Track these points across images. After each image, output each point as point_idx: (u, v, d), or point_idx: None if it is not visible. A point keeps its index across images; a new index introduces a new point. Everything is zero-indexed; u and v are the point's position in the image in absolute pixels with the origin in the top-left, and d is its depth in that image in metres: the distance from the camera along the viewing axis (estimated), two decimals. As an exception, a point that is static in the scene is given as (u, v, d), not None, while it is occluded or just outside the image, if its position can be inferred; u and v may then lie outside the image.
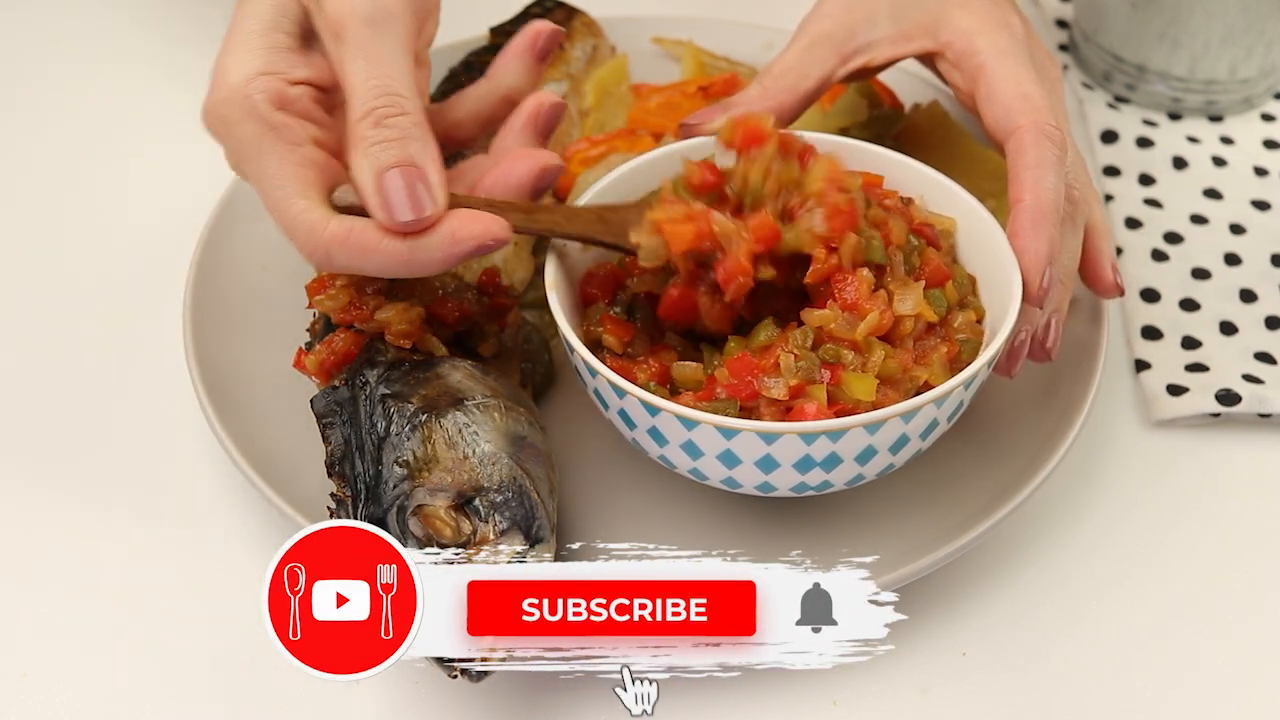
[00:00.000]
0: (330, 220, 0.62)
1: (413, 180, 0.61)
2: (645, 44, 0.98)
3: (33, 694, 0.67)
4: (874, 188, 0.72)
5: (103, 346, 0.83)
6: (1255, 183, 0.93)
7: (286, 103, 0.64)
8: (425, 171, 0.62)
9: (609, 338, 0.68)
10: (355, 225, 0.62)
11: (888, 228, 0.68)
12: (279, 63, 0.64)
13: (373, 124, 0.62)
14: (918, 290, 0.66)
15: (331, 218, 0.62)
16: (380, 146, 0.61)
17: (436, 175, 0.62)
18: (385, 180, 0.61)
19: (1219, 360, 0.81)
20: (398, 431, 0.66)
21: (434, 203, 0.61)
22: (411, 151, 0.62)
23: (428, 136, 0.63)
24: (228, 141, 0.65)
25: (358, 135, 0.62)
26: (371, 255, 0.62)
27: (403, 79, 0.63)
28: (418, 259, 0.62)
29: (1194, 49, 0.95)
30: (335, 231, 0.62)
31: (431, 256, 0.62)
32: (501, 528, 0.63)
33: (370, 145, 0.61)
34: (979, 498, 0.70)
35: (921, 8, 0.75)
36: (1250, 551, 0.74)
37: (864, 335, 0.64)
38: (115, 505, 0.75)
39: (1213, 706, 0.67)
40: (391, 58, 0.63)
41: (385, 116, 0.62)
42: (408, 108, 0.62)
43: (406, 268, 0.62)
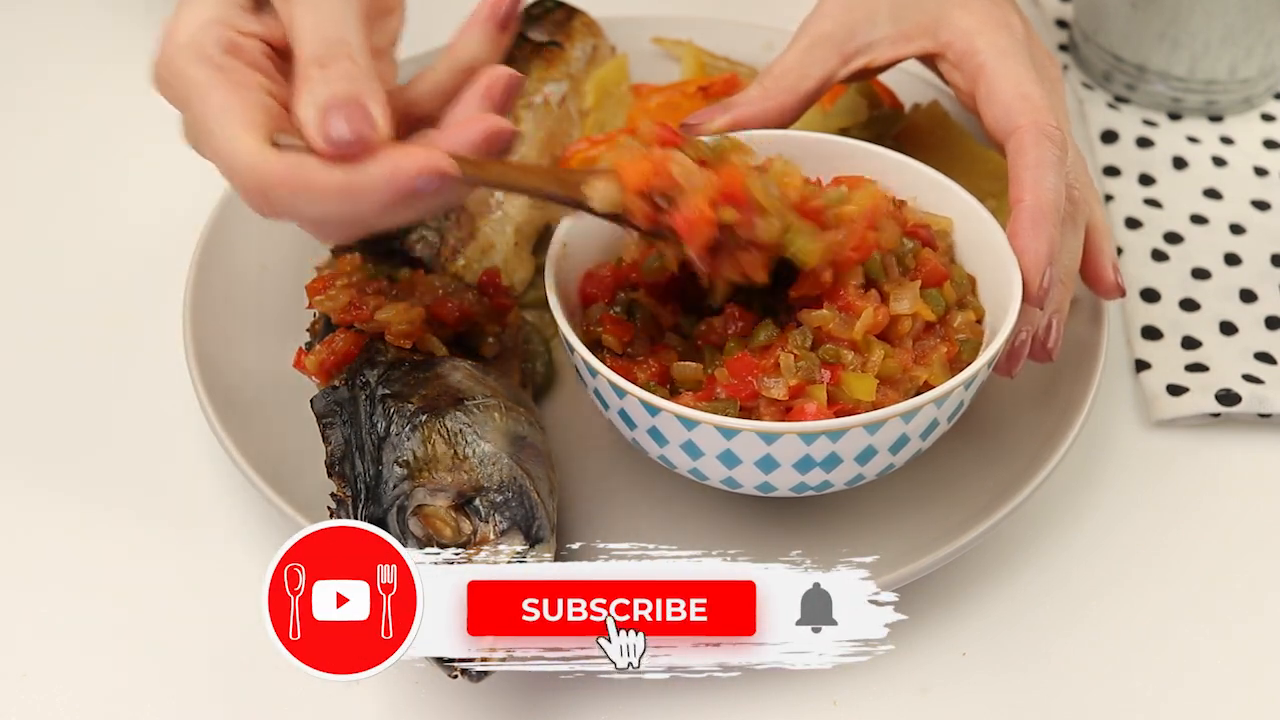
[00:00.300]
0: (272, 155, 0.60)
1: (355, 111, 0.59)
2: (645, 44, 0.98)
3: (33, 694, 0.67)
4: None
5: (103, 346, 0.83)
6: (1255, 183, 0.93)
7: (237, 50, 0.63)
8: (368, 105, 0.60)
9: (609, 338, 0.68)
10: (298, 158, 0.60)
11: (878, 234, 0.68)
12: (231, 16, 0.63)
13: (318, 66, 0.61)
14: (914, 289, 0.66)
15: (273, 155, 0.60)
16: (324, 83, 0.60)
17: (380, 109, 0.60)
18: (327, 113, 0.59)
19: (1219, 360, 0.81)
20: (398, 431, 0.66)
21: (374, 129, 0.60)
22: (357, 89, 0.60)
23: (374, 84, 0.61)
24: (177, 92, 0.63)
25: (303, 78, 0.61)
26: (310, 190, 0.59)
27: (350, 30, 0.62)
28: (357, 191, 0.59)
29: (1194, 49, 0.95)
30: (275, 167, 0.59)
31: (373, 189, 0.60)
32: (501, 528, 0.63)
33: (314, 84, 0.60)
34: (979, 498, 0.70)
35: (922, 8, 0.75)
36: (1250, 552, 0.74)
37: (862, 334, 0.64)
38: (115, 505, 0.75)
39: (1213, 706, 0.67)
40: (339, 14, 0.62)
41: (331, 59, 0.61)
42: (354, 56, 0.61)
43: (347, 200, 0.60)
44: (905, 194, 0.73)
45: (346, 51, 0.61)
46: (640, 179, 0.63)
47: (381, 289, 0.71)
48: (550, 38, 0.93)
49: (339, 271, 0.73)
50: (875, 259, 0.66)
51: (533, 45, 0.91)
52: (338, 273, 0.73)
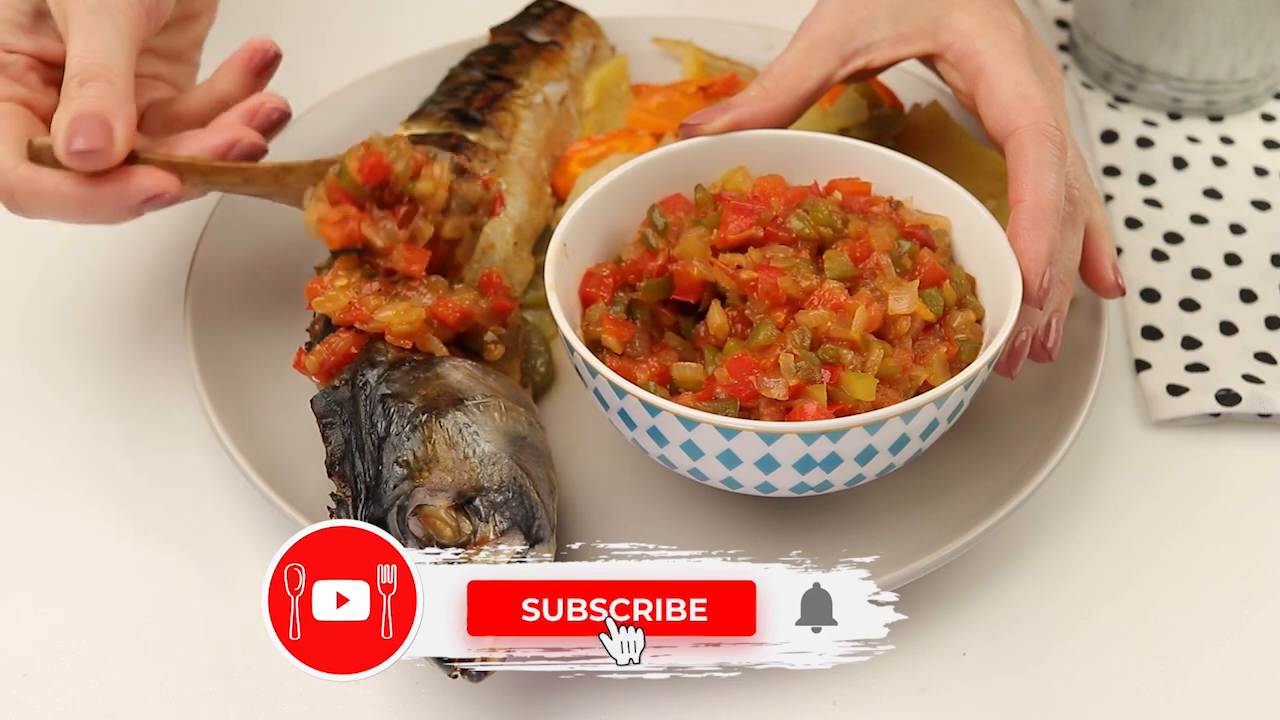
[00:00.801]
0: (19, 165, 0.67)
1: (95, 126, 0.65)
2: (645, 44, 0.98)
3: (33, 694, 0.67)
4: (859, 195, 0.72)
5: (103, 346, 0.83)
6: (1255, 183, 0.93)
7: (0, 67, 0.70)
8: (112, 122, 0.66)
9: (608, 338, 0.68)
10: (40, 171, 0.67)
11: (868, 237, 0.68)
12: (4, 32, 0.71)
13: (77, 84, 0.67)
14: (912, 289, 0.66)
15: (20, 162, 0.67)
16: (78, 101, 0.66)
17: (123, 128, 0.66)
18: (74, 124, 0.65)
19: (1219, 360, 0.81)
20: (398, 431, 0.66)
21: (113, 142, 0.66)
22: (106, 105, 0.66)
23: (126, 101, 0.67)
24: None
25: (63, 94, 0.67)
26: (48, 198, 0.67)
27: (116, 58, 0.68)
28: (93, 204, 0.67)
29: (1194, 49, 0.95)
30: (19, 174, 0.67)
31: (105, 204, 0.67)
32: (501, 528, 0.63)
33: (70, 100, 0.66)
34: (979, 498, 0.70)
35: (921, 9, 0.75)
36: (1250, 551, 0.74)
37: (860, 332, 0.64)
38: (115, 505, 0.75)
39: (1213, 706, 0.67)
40: (108, 39, 0.68)
41: (89, 78, 0.67)
42: (114, 79, 0.67)
43: (83, 211, 0.67)
44: (904, 194, 0.73)
45: (106, 74, 0.67)
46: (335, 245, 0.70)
47: (382, 289, 0.71)
48: (550, 38, 0.93)
49: (337, 273, 0.73)
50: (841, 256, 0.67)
51: (533, 45, 0.92)
52: (336, 274, 0.73)
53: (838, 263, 0.67)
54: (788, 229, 0.68)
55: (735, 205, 0.69)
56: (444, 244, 0.73)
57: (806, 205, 0.69)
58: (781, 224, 0.69)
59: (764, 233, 0.68)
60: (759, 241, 0.69)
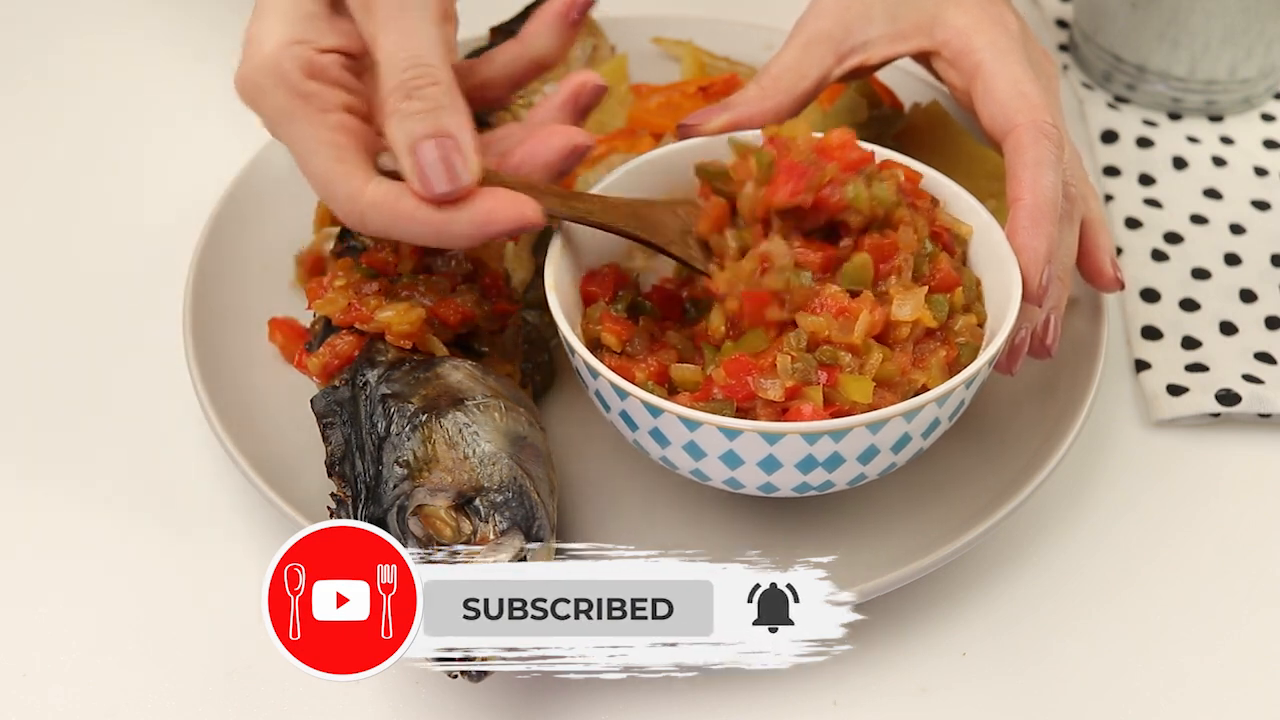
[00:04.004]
0: (369, 185, 0.63)
1: (447, 151, 0.62)
2: (645, 44, 0.98)
3: (33, 694, 0.67)
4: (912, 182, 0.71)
5: (103, 346, 0.83)
6: (1255, 183, 0.93)
7: (317, 71, 0.64)
8: (459, 141, 0.62)
9: (608, 336, 0.68)
10: (393, 191, 0.63)
11: (895, 238, 0.67)
12: (309, 31, 0.65)
13: (404, 96, 0.62)
14: (919, 296, 0.66)
15: (369, 182, 0.63)
16: (414, 118, 0.62)
17: (470, 144, 0.63)
18: (419, 151, 0.62)
19: (1219, 360, 0.81)
20: (398, 431, 0.66)
21: (468, 172, 0.62)
22: (444, 122, 0.62)
23: (459, 104, 0.64)
24: (261, 110, 0.66)
25: (390, 107, 0.63)
26: (406, 223, 0.63)
27: (432, 49, 0.63)
28: (449, 231, 0.63)
29: (1194, 49, 0.95)
30: (373, 197, 0.63)
31: (463, 231, 0.63)
32: (502, 528, 0.63)
33: (403, 117, 0.62)
34: (979, 498, 0.70)
35: (917, 6, 0.75)
36: (1250, 552, 0.74)
37: (861, 337, 0.64)
38: (115, 505, 0.75)
39: (1213, 707, 0.67)
40: (420, 28, 0.64)
41: (416, 88, 0.62)
42: (438, 77, 0.63)
43: (437, 239, 0.63)
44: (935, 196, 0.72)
45: (430, 76, 0.63)
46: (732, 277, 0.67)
47: (382, 289, 0.71)
48: (550, 38, 0.92)
49: (335, 274, 0.73)
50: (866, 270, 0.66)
51: (533, 45, 0.91)
52: (335, 274, 0.73)
53: (854, 272, 0.66)
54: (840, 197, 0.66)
55: (790, 165, 0.67)
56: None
57: (868, 174, 0.67)
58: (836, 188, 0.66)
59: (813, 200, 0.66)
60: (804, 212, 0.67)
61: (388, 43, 0.63)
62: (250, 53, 0.65)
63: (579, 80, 0.68)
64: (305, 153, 0.64)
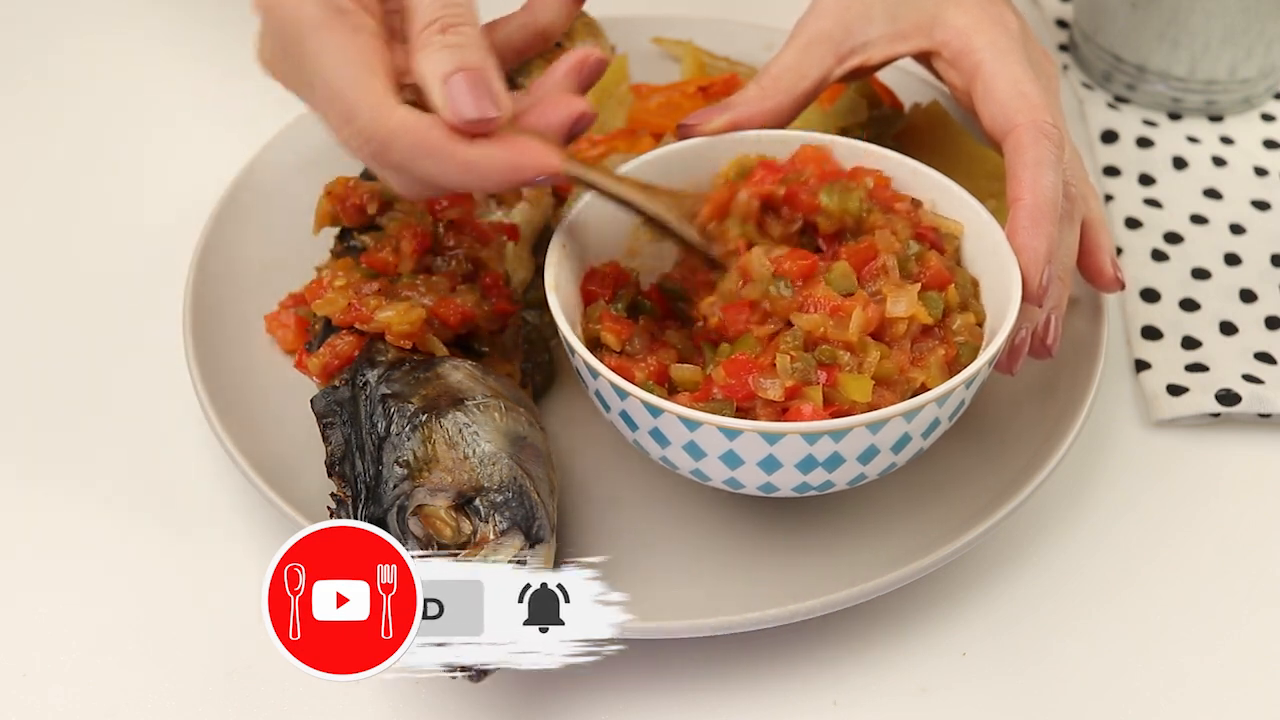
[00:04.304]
0: (398, 108, 0.61)
1: (479, 82, 0.61)
2: (645, 44, 0.98)
3: (33, 694, 0.67)
4: (882, 189, 0.72)
5: (103, 346, 0.83)
6: (1255, 183, 0.93)
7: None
8: (491, 81, 0.62)
9: (608, 335, 0.68)
10: (424, 120, 0.61)
11: (874, 241, 0.68)
12: None
13: (439, 29, 0.62)
14: (912, 293, 0.66)
15: (399, 105, 0.61)
16: (448, 50, 0.61)
17: (500, 83, 0.62)
18: (452, 82, 0.61)
19: (1219, 360, 0.81)
20: (398, 431, 0.66)
21: (497, 105, 0.61)
22: (477, 58, 0.62)
23: (491, 53, 0.63)
24: (282, 21, 0.63)
25: (423, 40, 0.62)
26: (432, 156, 0.61)
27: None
28: (478, 169, 0.62)
29: (1194, 49, 0.95)
30: (404, 120, 0.61)
31: (492, 170, 0.62)
32: (502, 528, 0.63)
33: (438, 49, 0.61)
34: (979, 498, 0.70)
35: (917, 6, 0.75)
36: (1250, 552, 0.74)
37: (857, 334, 0.64)
38: (115, 505, 0.75)
39: (1213, 707, 0.67)
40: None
41: (450, 24, 0.62)
42: (470, 19, 0.63)
43: (462, 175, 0.62)
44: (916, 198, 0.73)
45: (463, 16, 0.62)
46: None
47: (382, 289, 0.71)
48: (550, 37, 0.92)
49: (333, 274, 0.73)
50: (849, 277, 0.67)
51: (533, 45, 0.91)
52: (335, 274, 0.73)
53: (838, 278, 0.67)
54: (815, 201, 0.69)
55: (768, 163, 0.71)
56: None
57: (841, 185, 0.70)
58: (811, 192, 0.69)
59: (785, 192, 0.69)
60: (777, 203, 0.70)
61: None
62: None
63: (581, 53, 0.68)
64: (333, 64, 0.61)
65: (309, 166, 0.83)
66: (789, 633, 0.68)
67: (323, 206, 0.76)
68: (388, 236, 0.74)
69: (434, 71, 0.61)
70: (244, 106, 0.80)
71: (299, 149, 0.85)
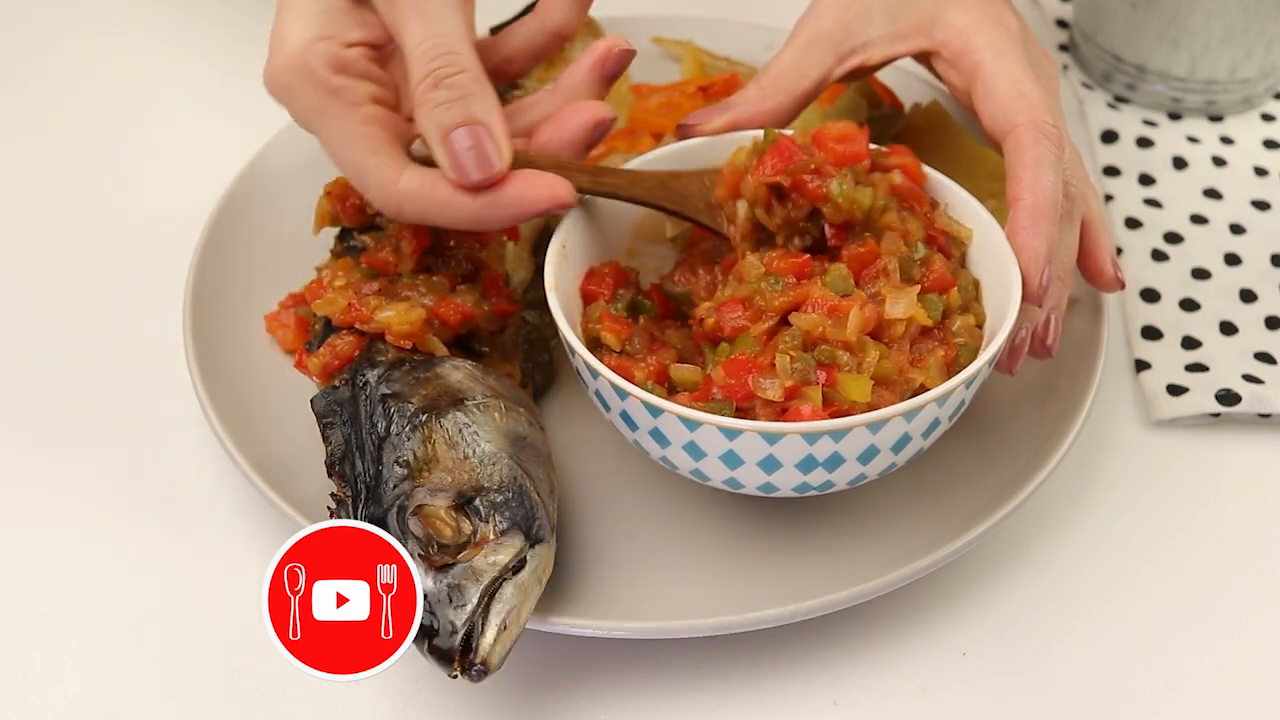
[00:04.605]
0: (403, 174, 0.64)
1: (478, 138, 0.63)
2: (645, 44, 0.97)
3: (33, 694, 0.67)
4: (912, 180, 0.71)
5: (103, 346, 0.83)
6: (1255, 183, 0.93)
7: (344, 65, 0.66)
8: (490, 128, 0.64)
9: (608, 335, 0.68)
10: (427, 179, 0.64)
11: (899, 231, 0.68)
12: (334, 26, 0.66)
13: (432, 85, 0.64)
14: (911, 295, 0.66)
15: (404, 171, 0.64)
16: (443, 108, 0.63)
17: (500, 130, 0.64)
18: (451, 140, 0.63)
19: (1219, 360, 0.81)
20: (398, 431, 0.66)
21: (500, 158, 0.64)
22: (474, 110, 0.64)
23: (487, 90, 0.65)
24: (291, 106, 0.67)
25: (419, 97, 0.64)
26: (441, 209, 0.64)
27: (456, 35, 0.65)
28: (486, 216, 0.65)
29: (1194, 49, 0.95)
30: (407, 186, 0.64)
31: (500, 215, 0.65)
32: (502, 528, 0.63)
33: (433, 107, 0.64)
34: (979, 498, 0.70)
35: (917, 6, 0.75)
36: (1250, 552, 0.74)
37: (855, 334, 0.64)
38: (115, 505, 0.75)
39: (1213, 707, 0.67)
40: (442, 15, 0.65)
41: (444, 77, 0.64)
42: (465, 64, 0.64)
43: (474, 224, 0.65)
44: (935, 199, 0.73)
45: (457, 64, 0.64)
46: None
47: (382, 289, 0.71)
48: (550, 38, 0.92)
49: (334, 274, 0.73)
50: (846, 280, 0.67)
51: (533, 45, 0.91)
52: (335, 275, 0.73)
53: (836, 280, 0.67)
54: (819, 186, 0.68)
55: (780, 147, 0.69)
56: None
57: (855, 175, 0.68)
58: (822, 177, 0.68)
59: (791, 182, 0.68)
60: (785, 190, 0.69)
61: (412, 32, 0.64)
62: (276, 50, 0.66)
63: (605, 45, 0.69)
64: (339, 147, 0.66)
65: (309, 166, 0.83)
66: (789, 633, 0.68)
67: (323, 206, 0.76)
68: (388, 236, 0.74)
69: (432, 132, 0.64)
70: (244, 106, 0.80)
71: (299, 149, 0.85)
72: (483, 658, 0.59)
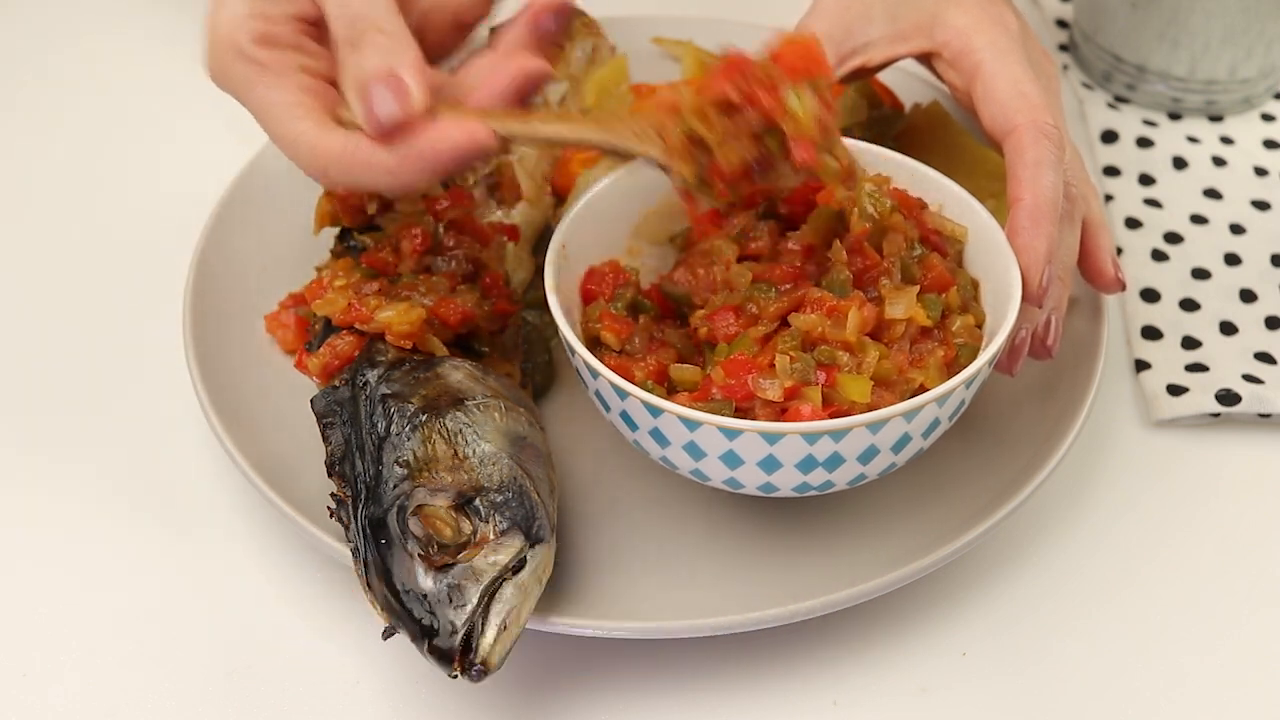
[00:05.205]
0: (326, 137, 0.64)
1: (392, 85, 0.63)
2: (645, 44, 0.98)
3: (33, 694, 0.67)
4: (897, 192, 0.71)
5: (103, 346, 0.83)
6: (1255, 183, 0.93)
7: (271, 40, 0.66)
8: (402, 78, 0.63)
9: (608, 335, 0.68)
10: (350, 141, 0.64)
11: (901, 233, 0.68)
12: (262, 3, 0.67)
13: (350, 48, 0.64)
14: (910, 295, 0.66)
15: (326, 135, 0.65)
16: (356, 66, 0.64)
17: (416, 78, 0.64)
18: (368, 92, 0.63)
19: (1219, 360, 0.81)
20: (398, 431, 0.66)
21: (413, 100, 0.63)
22: (389, 62, 0.64)
23: (404, 46, 0.65)
24: (228, 86, 0.68)
25: (340, 61, 0.65)
26: (363, 170, 0.64)
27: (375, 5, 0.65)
28: (404, 169, 0.64)
29: (1194, 49, 0.95)
30: (330, 147, 0.64)
31: (416, 165, 0.64)
32: (502, 528, 0.63)
33: (350, 69, 0.64)
34: (979, 498, 0.70)
35: (917, 7, 0.75)
36: (1250, 552, 0.74)
37: (854, 334, 0.64)
38: (115, 505, 0.75)
39: (1213, 707, 0.67)
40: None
41: (359, 38, 0.64)
42: (382, 25, 0.65)
43: (394, 178, 0.64)
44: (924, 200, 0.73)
45: (373, 25, 0.64)
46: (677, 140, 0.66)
47: (382, 289, 0.71)
48: (550, 38, 0.92)
49: (334, 274, 0.73)
50: (844, 280, 0.67)
51: (533, 45, 0.91)
52: (335, 274, 0.73)
53: (835, 286, 0.67)
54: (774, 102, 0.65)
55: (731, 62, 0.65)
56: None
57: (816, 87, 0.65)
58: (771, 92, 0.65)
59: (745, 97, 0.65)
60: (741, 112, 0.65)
61: (331, 4, 0.65)
62: (209, 36, 0.67)
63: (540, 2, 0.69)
64: (267, 117, 0.66)
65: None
66: (789, 633, 0.68)
67: (323, 206, 0.76)
68: (388, 236, 0.74)
69: (350, 88, 0.64)
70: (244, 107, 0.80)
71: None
72: (483, 658, 0.59)
